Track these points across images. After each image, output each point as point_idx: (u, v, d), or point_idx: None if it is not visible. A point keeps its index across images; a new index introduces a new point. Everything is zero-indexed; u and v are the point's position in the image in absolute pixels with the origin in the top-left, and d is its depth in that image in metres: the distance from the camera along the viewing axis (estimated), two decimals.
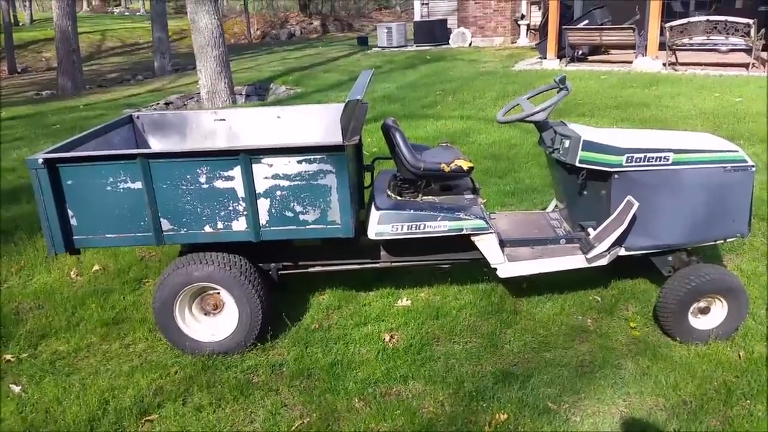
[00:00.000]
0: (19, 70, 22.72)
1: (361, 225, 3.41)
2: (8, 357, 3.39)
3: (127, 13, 43.83)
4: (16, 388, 3.11)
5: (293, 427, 2.78)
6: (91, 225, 3.11)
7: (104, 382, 3.11)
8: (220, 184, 3.06)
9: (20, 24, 32.53)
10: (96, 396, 2.99)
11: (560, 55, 13.38)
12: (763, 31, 11.27)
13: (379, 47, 18.80)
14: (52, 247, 3.10)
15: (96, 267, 4.42)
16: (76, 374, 3.21)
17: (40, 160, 2.94)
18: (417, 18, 19.37)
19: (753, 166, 3.29)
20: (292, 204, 3.10)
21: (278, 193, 3.08)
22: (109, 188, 3.04)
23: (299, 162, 3.03)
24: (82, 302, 3.92)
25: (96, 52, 26.08)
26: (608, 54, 14.06)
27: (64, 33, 15.36)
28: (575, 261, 3.43)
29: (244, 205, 3.09)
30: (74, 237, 3.13)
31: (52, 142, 3.22)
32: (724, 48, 12.81)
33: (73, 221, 3.10)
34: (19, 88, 18.11)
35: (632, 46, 12.39)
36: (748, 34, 11.16)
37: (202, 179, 3.05)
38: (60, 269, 4.43)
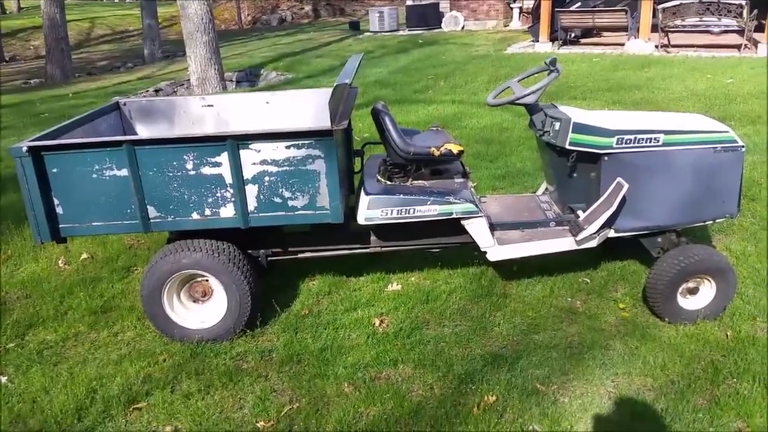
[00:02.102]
0: (7, 59, 22.45)
1: (351, 210, 3.40)
2: None
3: (116, 0, 43.33)
4: (3, 379, 3.09)
5: (282, 413, 2.78)
6: (78, 213, 3.08)
7: (92, 371, 3.10)
8: (207, 170, 3.03)
9: (7, 12, 32.16)
10: (84, 385, 2.98)
11: (553, 38, 13.32)
12: (755, 12, 11.23)
13: (371, 32, 18.66)
14: (38, 236, 3.07)
15: (84, 255, 4.39)
16: (63, 363, 3.20)
17: (25, 149, 2.90)
18: (409, 2, 19.22)
19: (743, 147, 3.29)
20: (280, 190, 3.08)
21: (266, 179, 3.05)
22: (95, 176, 3.01)
23: (287, 147, 3.00)
24: (70, 291, 3.90)
25: (85, 40, 25.80)
26: (600, 36, 14.00)
27: (53, 21, 15.17)
28: (565, 243, 3.43)
29: (231, 191, 3.06)
30: (60, 225, 3.10)
31: (41, 131, 3.18)
32: (716, 29, 12.75)
33: (59, 209, 3.07)
34: (7, 76, 17.89)
35: (624, 29, 12.34)
36: (740, 15, 11.12)
37: (189, 166, 3.02)
38: (48, 258, 4.40)
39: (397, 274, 3.93)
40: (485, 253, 3.42)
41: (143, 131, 4.04)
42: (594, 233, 3.34)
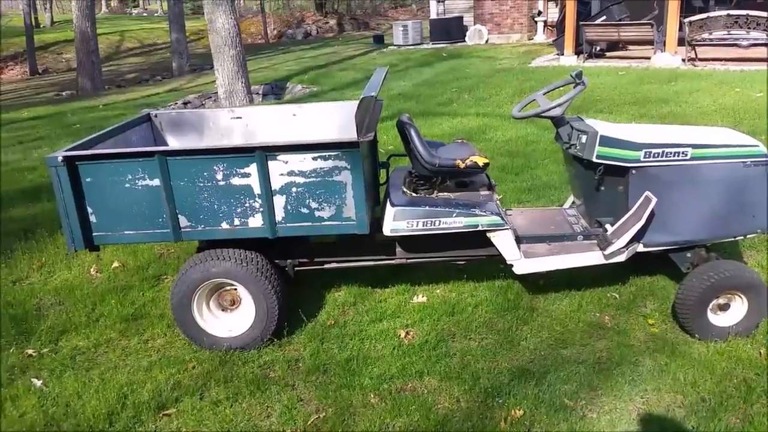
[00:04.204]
0: (40, 72, 23.05)
1: (377, 221, 3.42)
2: (30, 352, 3.44)
3: (145, 14, 44.28)
4: (38, 383, 3.16)
5: (309, 422, 2.80)
6: (110, 222, 3.15)
7: (123, 377, 3.16)
8: (236, 181, 3.08)
9: (41, 26, 32.99)
10: (115, 390, 3.03)
11: (578, 52, 13.27)
12: None
13: (395, 45, 18.79)
14: (72, 244, 3.15)
15: (115, 264, 4.47)
16: (95, 369, 3.26)
17: (60, 158, 2.98)
18: (433, 16, 19.32)
19: None
20: (307, 200, 3.11)
21: (294, 189, 3.09)
22: (127, 185, 3.08)
23: (314, 159, 3.04)
24: (101, 298, 3.98)
25: (115, 53, 26.38)
26: (626, 50, 13.91)
27: (84, 34, 15.57)
28: (592, 257, 3.40)
29: (260, 201, 3.11)
30: (93, 234, 3.17)
31: (72, 141, 3.26)
32: (745, 43, 12.60)
33: (93, 218, 3.14)
34: (39, 88, 18.38)
35: (651, 42, 12.24)
36: None
37: (219, 176, 3.07)
38: (80, 266, 4.49)
39: (422, 286, 3.93)
40: (511, 266, 3.41)
41: (174, 142, 4.12)
42: (622, 247, 3.31)
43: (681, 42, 11.91)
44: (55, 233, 4.92)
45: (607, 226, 3.43)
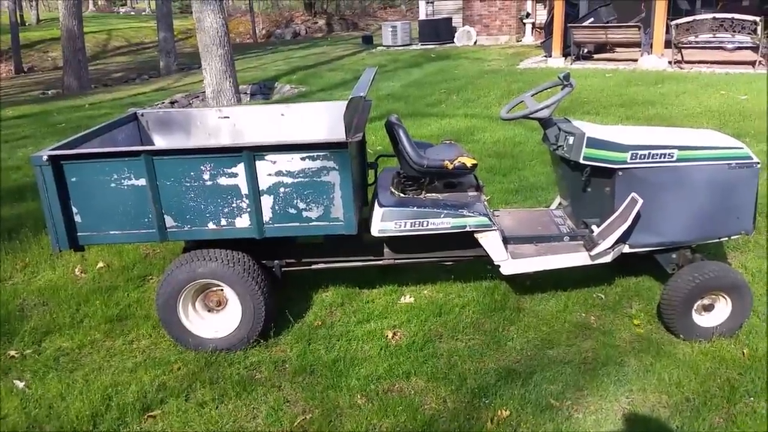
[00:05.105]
0: (25, 70, 22.84)
1: (365, 222, 3.41)
2: (12, 353, 3.40)
3: (132, 13, 43.99)
4: (20, 384, 3.12)
5: (295, 423, 2.79)
6: (96, 222, 3.12)
7: (107, 378, 3.13)
8: (223, 181, 3.07)
9: (27, 24, 32.69)
10: (99, 392, 3.00)
11: (565, 54, 13.35)
12: None
13: (384, 46, 18.79)
14: (57, 244, 3.11)
15: (100, 264, 4.43)
16: (79, 370, 3.23)
17: (45, 158, 2.95)
18: (422, 17, 19.35)
19: (758, 163, 3.28)
20: (295, 201, 3.11)
21: (281, 190, 3.08)
22: (113, 185, 3.05)
23: (302, 159, 3.03)
24: (86, 299, 3.94)
25: (102, 52, 26.17)
26: (614, 52, 14.00)
27: (70, 32, 15.43)
28: (579, 258, 3.42)
29: (247, 202, 3.09)
30: (78, 234, 3.14)
31: (58, 141, 3.23)
32: (730, 46, 12.74)
33: (78, 218, 3.11)
34: (24, 87, 18.19)
35: (638, 44, 12.35)
36: (754, 31, 11.10)
37: (206, 176, 3.06)
38: (65, 266, 4.45)
39: (409, 286, 3.93)
40: (498, 266, 3.42)
41: (160, 142, 4.09)
42: (608, 248, 3.33)
43: (668, 44, 12.01)
44: (40, 233, 4.87)
45: (594, 227, 3.45)
